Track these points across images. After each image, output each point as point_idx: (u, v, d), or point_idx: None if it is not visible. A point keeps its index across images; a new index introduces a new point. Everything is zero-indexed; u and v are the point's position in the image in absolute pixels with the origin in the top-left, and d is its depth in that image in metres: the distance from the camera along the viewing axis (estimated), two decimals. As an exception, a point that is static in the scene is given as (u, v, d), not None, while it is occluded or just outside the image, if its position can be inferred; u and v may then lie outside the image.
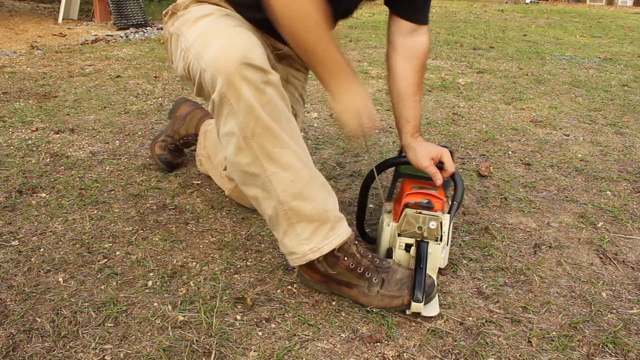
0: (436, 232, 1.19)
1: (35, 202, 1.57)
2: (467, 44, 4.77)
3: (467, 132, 2.34)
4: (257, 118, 1.03)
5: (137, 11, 5.29)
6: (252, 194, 1.13)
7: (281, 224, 1.12)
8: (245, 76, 1.02)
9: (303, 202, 1.10)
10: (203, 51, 1.09)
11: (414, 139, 1.33)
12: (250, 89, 1.02)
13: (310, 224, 1.11)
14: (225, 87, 1.02)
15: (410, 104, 1.35)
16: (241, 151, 1.07)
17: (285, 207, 1.09)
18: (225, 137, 1.09)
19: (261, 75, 1.04)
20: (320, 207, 1.12)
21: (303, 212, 1.10)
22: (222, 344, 1.04)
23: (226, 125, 1.06)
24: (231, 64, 1.01)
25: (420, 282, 1.11)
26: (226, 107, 1.04)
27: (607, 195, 1.75)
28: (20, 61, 3.43)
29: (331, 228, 1.13)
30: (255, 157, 1.06)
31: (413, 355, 1.03)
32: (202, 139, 1.74)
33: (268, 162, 1.07)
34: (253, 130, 1.04)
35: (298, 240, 1.12)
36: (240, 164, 1.08)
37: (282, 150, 1.07)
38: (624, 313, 1.18)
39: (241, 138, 1.05)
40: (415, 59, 1.35)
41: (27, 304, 1.13)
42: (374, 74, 3.41)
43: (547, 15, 8.03)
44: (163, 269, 1.27)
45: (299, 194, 1.09)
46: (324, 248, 1.13)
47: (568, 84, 3.28)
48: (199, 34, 1.15)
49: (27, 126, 2.19)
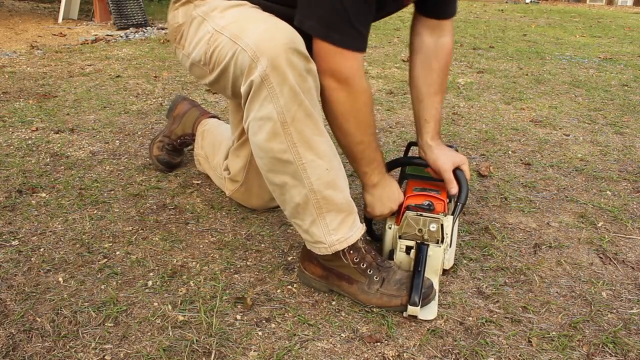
0: (437, 234, 1.19)
1: (35, 202, 1.57)
2: (467, 43, 4.77)
3: (467, 132, 2.34)
4: (300, 103, 1.03)
5: (137, 11, 5.29)
6: (279, 181, 1.11)
7: (310, 213, 1.11)
8: (291, 61, 1.01)
9: (335, 192, 1.10)
10: (242, 33, 1.08)
11: (434, 141, 1.35)
12: (295, 75, 1.02)
13: (339, 214, 1.12)
14: (270, 69, 1.01)
15: (429, 105, 1.35)
16: (276, 137, 1.05)
17: (318, 196, 1.09)
18: (257, 122, 1.06)
19: (305, 62, 1.04)
20: (348, 197, 1.14)
21: (334, 202, 1.10)
22: (222, 344, 1.04)
23: (262, 110, 1.04)
24: (279, 46, 1.01)
25: (418, 286, 1.11)
26: (266, 89, 1.02)
27: (607, 195, 1.75)
28: (20, 61, 3.43)
29: (355, 219, 1.15)
30: (291, 143, 1.05)
31: (413, 355, 1.03)
32: (199, 139, 1.74)
33: (305, 149, 1.06)
34: (294, 115, 1.03)
35: (326, 230, 1.12)
36: (273, 150, 1.06)
37: (320, 138, 1.07)
38: (624, 313, 1.18)
39: (278, 123, 1.03)
40: (436, 59, 1.35)
41: (27, 304, 1.13)
42: (374, 73, 3.41)
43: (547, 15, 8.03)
44: (163, 269, 1.27)
45: (332, 183, 1.09)
46: (351, 238, 1.14)
47: (568, 83, 3.28)
48: (235, 18, 1.14)
49: (27, 126, 2.19)
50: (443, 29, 1.35)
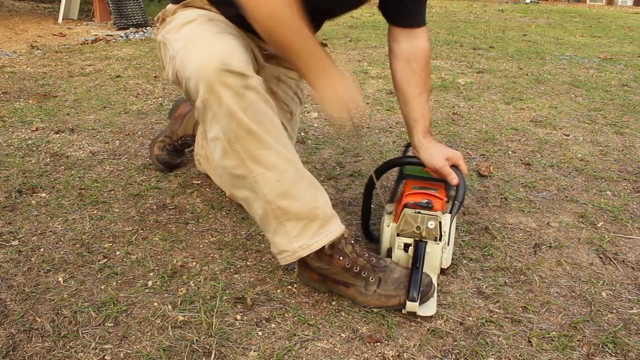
0: (435, 232, 1.19)
1: (35, 202, 1.57)
2: (467, 44, 4.77)
3: (467, 132, 2.34)
4: (238, 122, 1.05)
5: (137, 11, 5.29)
6: (242, 195, 1.14)
7: (271, 224, 1.13)
8: (224, 82, 1.04)
9: (290, 201, 1.11)
10: (186, 60, 1.12)
11: (426, 139, 1.34)
12: (231, 94, 1.04)
13: (299, 222, 1.12)
14: (207, 93, 1.05)
15: (415, 105, 1.36)
16: (227, 155, 1.09)
17: (273, 207, 1.11)
18: (212, 143, 1.11)
19: (240, 80, 1.05)
20: (308, 205, 1.13)
21: (290, 211, 1.11)
22: (222, 344, 1.04)
23: (211, 131, 1.09)
24: (211, 70, 1.04)
25: (416, 282, 1.11)
26: (209, 113, 1.07)
27: (607, 195, 1.75)
28: (20, 61, 3.43)
29: (321, 225, 1.14)
30: (240, 159, 1.08)
31: (413, 355, 1.03)
32: (199, 138, 1.74)
33: (253, 164, 1.08)
34: (236, 133, 1.06)
35: (288, 239, 1.13)
36: (227, 167, 1.10)
37: (266, 152, 1.09)
38: (624, 313, 1.18)
39: (225, 142, 1.07)
40: (415, 61, 1.36)
41: (27, 304, 1.13)
42: (374, 73, 3.41)
43: (547, 15, 8.03)
44: (163, 269, 1.27)
45: (285, 192, 1.11)
46: (314, 245, 1.13)
47: (568, 83, 3.28)
48: (183, 42, 1.17)
49: (27, 126, 2.19)
50: (418, 34, 1.37)
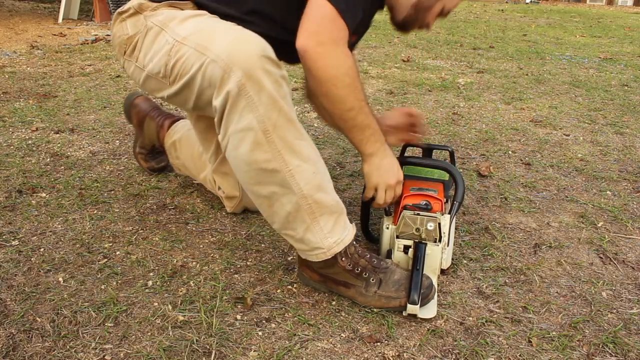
0: (434, 233, 1.19)
1: (35, 202, 1.57)
2: (467, 43, 4.77)
3: (467, 132, 2.34)
4: (280, 109, 1.02)
5: (137, 11, 5.28)
6: (266, 192, 1.08)
7: (303, 220, 1.09)
8: (266, 69, 1.01)
9: (324, 194, 1.09)
10: (209, 43, 1.06)
11: None
12: (271, 82, 1.02)
13: (331, 216, 1.11)
14: (245, 78, 1.00)
15: None
16: (259, 147, 1.03)
17: (309, 201, 1.07)
18: (238, 135, 1.04)
19: (278, 69, 1.04)
20: (336, 197, 1.13)
21: (326, 204, 1.09)
22: (222, 344, 1.04)
23: (241, 120, 1.03)
24: (252, 55, 1.01)
25: (417, 284, 1.11)
26: (244, 99, 1.01)
27: (607, 195, 1.75)
28: (20, 61, 3.43)
29: (346, 219, 1.15)
30: (276, 151, 1.04)
31: (413, 355, 1.03)
32: (172, 150, 1.66)
33: (290, 155, 1.04)
34: (276, 122, 1.02)
35: (322, 234, 1.10)
36: (258, 161, 1.05)
37: (303, 142, 1.07)
38: (624, 313, 1.18)
39: (260, 132, 1.02)
40: None
41: (27, 304, 1.13)
42: (374, 73, 3.41)
43: (547, 15, 8.03)
44: (163, 269, 1.27)
45: (320, 185, 1.08)
46: (346, 239, 1.13)
47: (568, 83, 3.28)
48: (197, 28, 1.13)
49: (27, 126, 2.19)
50: None
